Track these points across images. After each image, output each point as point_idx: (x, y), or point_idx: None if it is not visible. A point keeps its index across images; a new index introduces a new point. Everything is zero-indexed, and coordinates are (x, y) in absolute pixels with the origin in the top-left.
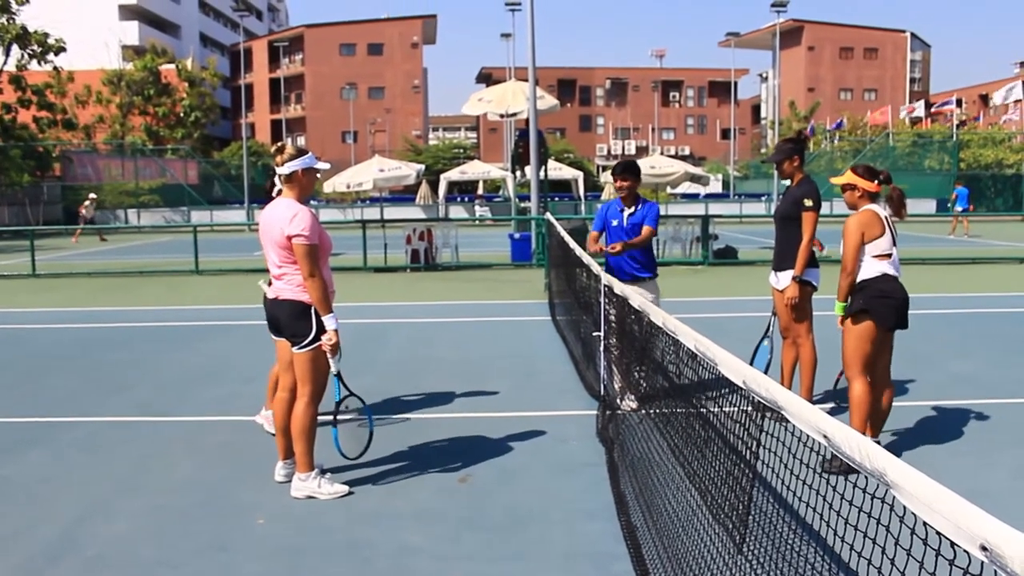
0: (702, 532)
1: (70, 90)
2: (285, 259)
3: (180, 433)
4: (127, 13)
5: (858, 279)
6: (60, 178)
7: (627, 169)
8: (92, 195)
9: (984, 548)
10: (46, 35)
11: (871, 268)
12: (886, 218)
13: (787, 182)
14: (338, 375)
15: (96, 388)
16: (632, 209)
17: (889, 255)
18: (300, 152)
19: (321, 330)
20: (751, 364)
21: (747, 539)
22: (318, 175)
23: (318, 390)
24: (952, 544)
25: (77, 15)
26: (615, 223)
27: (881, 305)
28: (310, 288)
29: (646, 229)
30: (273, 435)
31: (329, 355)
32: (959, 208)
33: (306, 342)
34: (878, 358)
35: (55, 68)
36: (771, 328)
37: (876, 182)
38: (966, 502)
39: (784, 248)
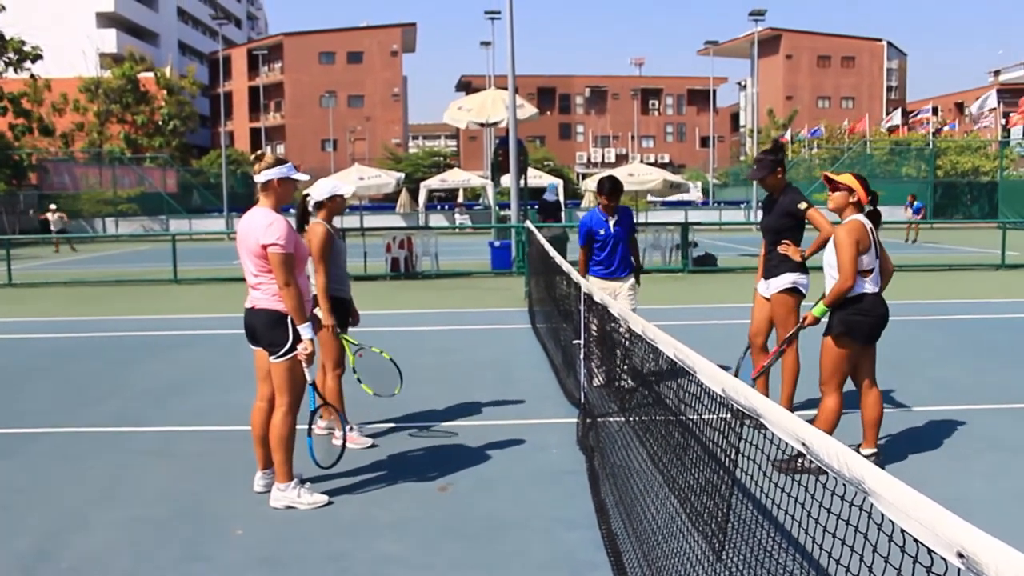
0: (682, 540)
1: (47, 98)
2: (261, 268)
3: (157, 444)
4: (105, 21)
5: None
6: (37, 187)
7: (609, 188)
8: (52, 206)
9: (961, 555)
10: (22, 43)
11: (856, 285)
12: (871, 230)
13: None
14: (313, 385)
15: (71, 398)
16: (615, 217)
17: (871, 271)
18: (279, 161)
19: (297, 339)
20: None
21: (726, 547)
22: (297, 186)
23: (296, 400)
24: (929, 551)
25: (54, 22)
26: (603, 232)
27: (857, 324)
28: (285, 297)
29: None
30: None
31: (304, 364)
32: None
33: (282, 351)
34: (859, 370)
35: (32, 76)
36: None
37: (869, 197)
38: (943, 509)
39: (777, 258)
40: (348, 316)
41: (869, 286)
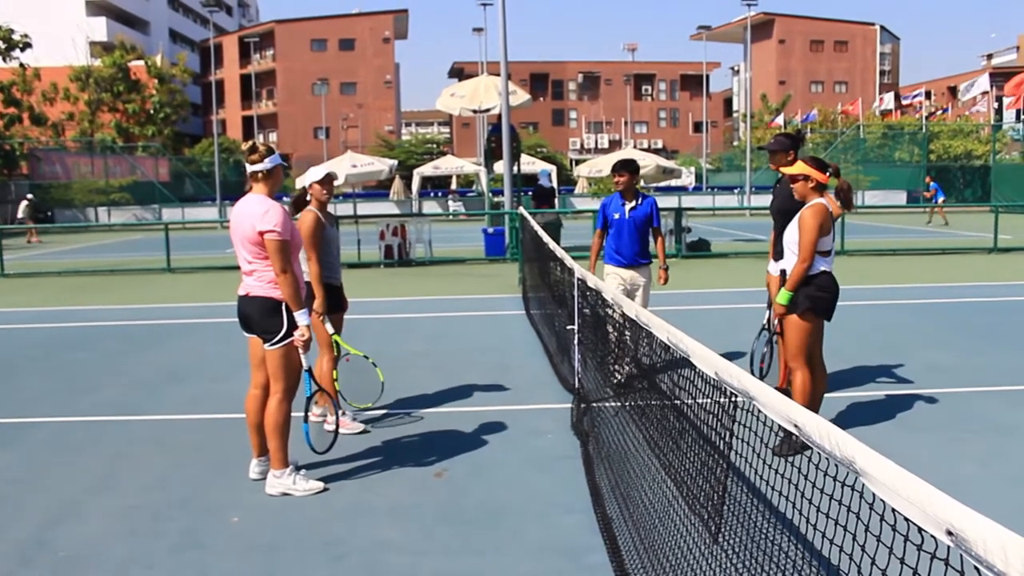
0: (678, 523)
1: (37, 87)
2: (256, 255)
3: (152, 432)
4: (95, 9)
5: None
6: (28, 176)
7: (625, 166)
8: (30, 196)
9: (950, 533)
10: (11, 31)
11: (814, 264)
12: (831, 213)
13: (766, 179)
14: (308, 371)
15: (65, 388)
16: (633, 203)
17: (829, 251)
18: (270, 150)
19: (292, 326)
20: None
21: (722, 529)
22: (289, 172)
23: (291, 386)
24: (920, 529)
25: (43, 11)
26: (616, 216)
27: (821, 300)
28: (282, 284)
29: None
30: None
31: (301, 351)
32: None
33: (277, 339)
34: (814, 347)
35: (21, 65)
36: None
37: (826, 174)
38: (932, 488)
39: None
40: (340, 303)
41: (828, 265)
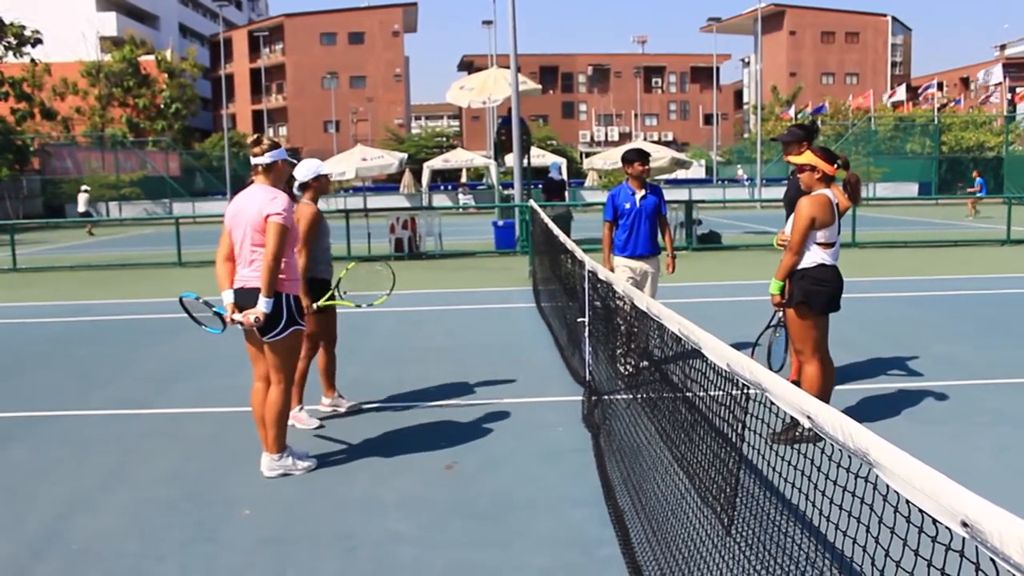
0: (691, 515)
1: (47, 82)
2: (261, 243)
3: (163, 426)
4: (104, 4)
5: (798, 265)
6: (40, 172)
7: (639, 155)
8: (85, 187)
9: (965, 524)
10: (22, 27)
11: (811, 257)
12: (836, 206)
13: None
14: (215, 315)
15: (77, 382)
16: (643, 192)
17: (831, 244)
18: (274, 144)
19: (292, 317)
20: (769, 359)
21: (735, 521)
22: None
23: (292, 375)
24: (934, 521)
25: (53, 6)
26: (628, 205)
27: (816, 294)
28: (267, 267)
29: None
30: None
31: (235, 317)
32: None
33: (279, 328)
34: (819, 340)
35: (32, 60)
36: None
37: (834, 165)
38: (947, 479)
39: None
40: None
41: (827, 258)
